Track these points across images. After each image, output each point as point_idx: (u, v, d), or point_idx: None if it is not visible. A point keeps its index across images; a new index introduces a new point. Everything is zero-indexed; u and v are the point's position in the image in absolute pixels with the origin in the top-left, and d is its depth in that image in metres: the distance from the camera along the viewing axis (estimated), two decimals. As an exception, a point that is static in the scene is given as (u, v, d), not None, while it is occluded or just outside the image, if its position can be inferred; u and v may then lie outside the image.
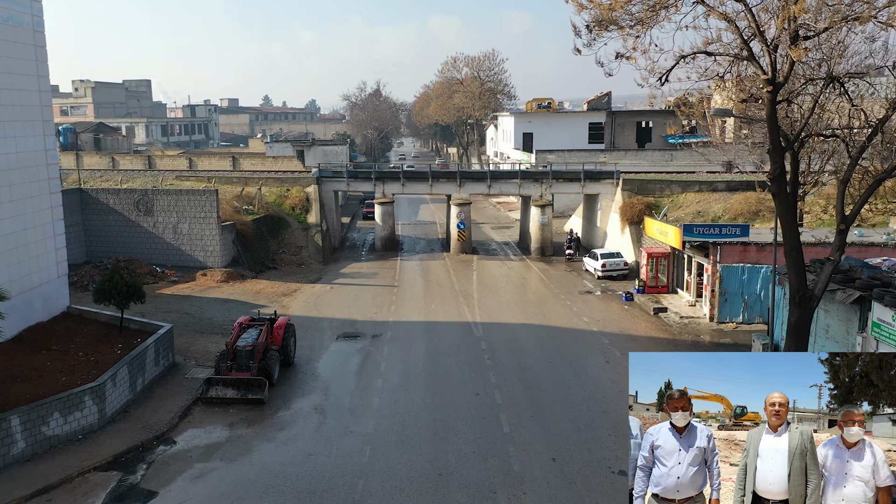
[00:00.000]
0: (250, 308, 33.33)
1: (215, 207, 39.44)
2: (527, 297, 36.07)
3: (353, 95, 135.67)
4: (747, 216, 39.30)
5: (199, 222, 39.72)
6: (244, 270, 39.94)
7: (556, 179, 46.86)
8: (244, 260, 40.89)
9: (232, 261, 40.60)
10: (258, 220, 44.37)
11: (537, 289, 37.90)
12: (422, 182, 48.77)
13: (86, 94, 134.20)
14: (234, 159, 68.93)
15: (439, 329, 30.26)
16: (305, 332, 29.82)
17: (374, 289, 37.98)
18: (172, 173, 55.14)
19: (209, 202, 39.45)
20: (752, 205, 39.56)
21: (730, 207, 40.24)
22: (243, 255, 41.06)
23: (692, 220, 40.09)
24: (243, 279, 38.87)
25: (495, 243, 52.27)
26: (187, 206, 39.81)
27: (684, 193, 43.81)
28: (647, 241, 40.78)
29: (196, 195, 39.82)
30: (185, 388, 23.17)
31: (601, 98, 74.20)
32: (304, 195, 48.90)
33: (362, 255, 48.77)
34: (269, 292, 36.60)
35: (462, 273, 41.84)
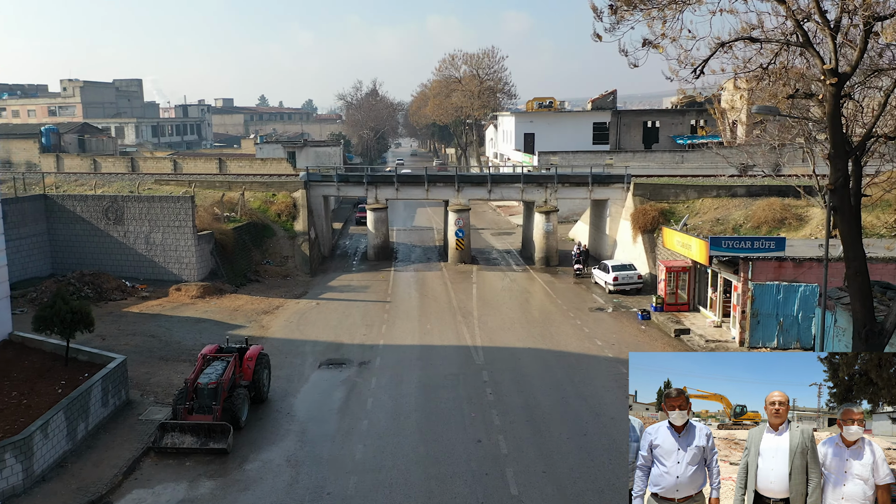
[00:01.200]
0: (225, 329, 30.00)
1: (190, 215, 36.08)
2: (532, 314, 32.73)
3: (349, 95, 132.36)
4: (772, 224, 36.02)
5: (173, 232, 36.35)
6: (223, 284, 36.59)
7: (562, 184, 43.52)
8: (223, 272, 37.53)
9: (210, 273, 37.24)
10: (240, 228, 41.02)
11: (543, 305, 34.56)
12: (417, 186, 45.44)
13: (74, 94, 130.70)
14: (221, 162, 65.67)
15: (435, 355, 26.93)
16: (284, 358, 26.50)
17: (364, 305, 34.63)
18: (152, 177, 51.76)
19: (184, 210, 36.09)
20: (777, 212, 36.26)
21: (752, 215, 36.93)
22: (222, 268, 37.70)
23: (711, 228, 36.82)
24: (221, 294, 35.52)
25: (496, 251, 48.93)
26: (160, 214, 36.44)
27: (701, 199, 40.50)
28: (660, 250, 37.46)
29: (170, 202, 36.45)
30: (138, 433, 19.81)
31: (606, 97, 70.91)
32: (291, 201, 45.55)
33: (353, 264, 45.41)
34: (249, 309, 33.24)
35: (461, 286, 38.50)
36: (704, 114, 69.96)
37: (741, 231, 36.53)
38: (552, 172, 44.23)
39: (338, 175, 46.29)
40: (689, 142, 67.19)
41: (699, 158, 57.07)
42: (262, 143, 77.08)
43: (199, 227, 37.70)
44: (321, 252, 46.93)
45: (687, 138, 68.05)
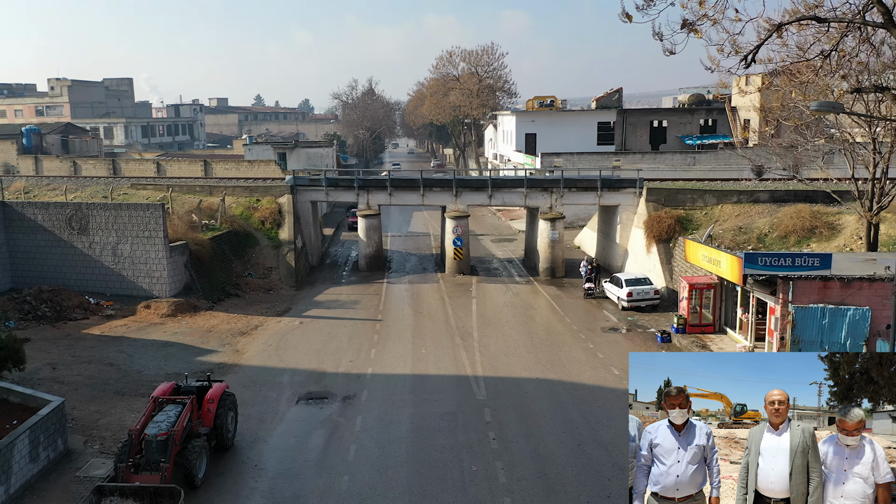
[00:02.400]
0: (194, 354, 26.74)
1: (161, 225, 32.75)
2: (538, 335, 29.44)
3: (344, 94, 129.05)
4: (801, 234, 32.79)
5: (142, 243, 33.03)
6: (198, 300, 33.28)
7: (568, 188, 40.24)
8: (198, 287, 34.20)
9: (184, 288, 33.93)
10: (219, 237, 37.69)
11: (550, 324, 31.28)
12: (412, 191, 42.14)
13: (62, 94, 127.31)
14: (206, 164, 62.40)
15: (430, 386, 23.64)
16: (258, 391, 23.22)
17: (352, 324, 31.32)
18: (129, 181, 48.42)
19: (154, 219, 32.77)
20: (806, 220, 33.03)
21: (778, 223, 33.70)
22: (197, 281, 34.37)
23: (733, 238, 33.57)
24: (195, 311, 32.22)
25: (497, 260, 45.65)
26: (128, 223, 33.10)
27: (720, 205, 37.24)
28: (677, 261, 34.23)
29: (139, 210, 33.11)
30: (72, 495, 16.52)
31: (611, 94, 67.68)
32: (277, 206, 42.24)
33: (343, 275, 42.10)
34: (224, 330, 29.94)
35: (459, 301, 35.21)
36: (714, 112, 66.78)
37: (766, 241, 33.31)
38: (557, 176, 40.94)
39: (327, 179, 42.99)
40: (698, 142, 63.98)
41: (712, 160, 53.86)
42: (250, 144, 73.69)
43: (172, 236, 34.41)
44: (309, 262, 43.64)
45: (696, 138, 64.85)
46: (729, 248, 33.01)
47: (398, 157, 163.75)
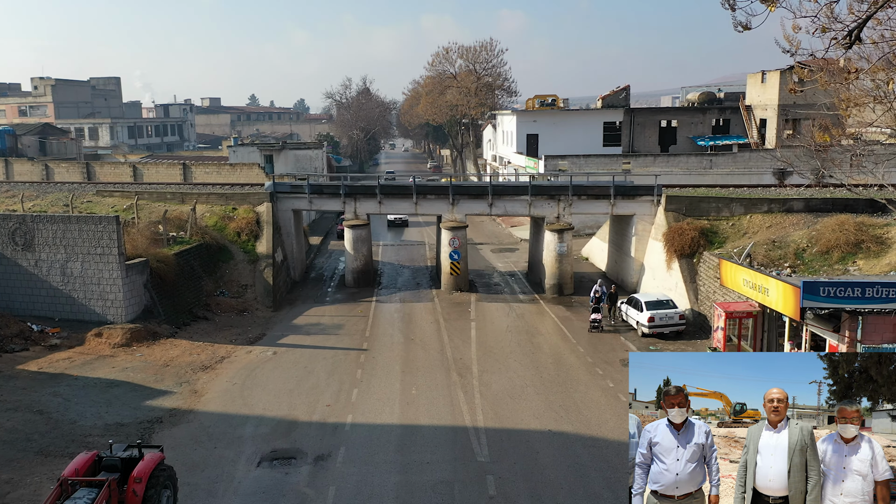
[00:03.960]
0: (144, 397, 22.69)
1: (116, 240, 28.68)
2: (547, 370, 25.38)
3: (338, 93, 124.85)
4: (845, 249, 28.76)
5: (94, 260, 28.96)
6: (158, 326, 29.23)
7: (578, 196, 36.20)
8: (160, 310, 30.12)
9: (143, 311, 29.85)
10: (187, 252, 33.59)
11: (560, 354, 27.23)
12: (404, 199, 38.08)
13: (45, 93, 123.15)
14: (186, 168, 58.23)
15: (422, 442, 19.59)
16: (213, 448, 19.17)
17: (333, 355, 27.26)
18: (95, 187, 44.30)
19: (108, 233, 28.69)
20: (850, 233, 28.99)
21: (818, 236, 29.68)
22: (159, 304, 30.28)
23: (767, 253, 29.55)
24: (154, 339, 28.18)
25: (497, 274, 41.60)
26: (79, 238, 29.03)
27: (749, 215, 33.25)
28: (703, 280, 30.24)
29: (90, 224, 29.02)
30: None
31: (618, 93, 63.64)
32: (255, 216, 38.16)
33: (328, 292, 38.02)
34: (184, 363, 25.88)
35: (456, 325, 31.16)
36: (727, 111, 62.82)
37: (805, 258, 29.31)
38: (565, 182, 36.89)
39: (310, 185, 38.90)
40: (711, 143, 59.99)
41: (730, 163, 49.86)
42: (235, 146, 69.52)
43: (131, 252, 30.35)
44: (291, 277, 39.56)
45: (709, 139, 60.85)
46: (762, 265, 29.06)
47: (394, 158, 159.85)
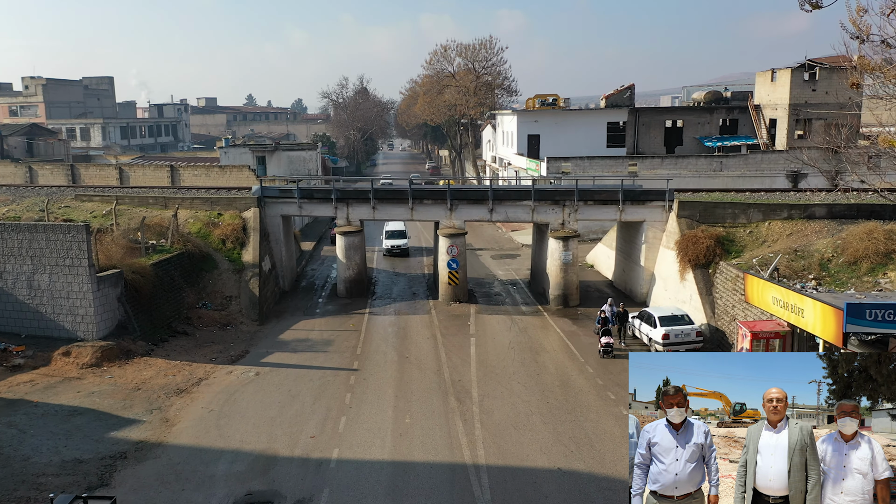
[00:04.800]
0: (109, 427, 20.53)
1: (86, 250, 26.48)
2: (554, 394, 23.21)
3: (334, 93, 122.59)
4: (874, 260, 26.65)
5: (63, 272, 26.77)
6: (133, 343, 27.03)
7: (584, 201, 34.03)
8: (135, 325, 27.93)
9: (117, 327, 27.65)
10: (167, 261, 31.39)
11: (567, 375, 25.06)
12: (399, 204, 35.89)
13: (36, 93, 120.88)
14: (173, 170, 56.05)
15: (415, 484, 17.41)
16: (180, 491, 17.01)
17: (321, 376, 25.08)
18: (74, 191, 42.09)
19: (77, 242, 26.50)
20: (880, 242, 26.91)
21: (844, 245, 27.57)
22: (134, 319, 28.09)
23: (789, 264, 27.42)
24: (128, 358, 26.02)
25: (498, 283, 39.43)
26: (46, 248, 26.83)
27: (767, 222, 31.14)
28: (720, 294, 28.10)
29: (58, 233, 26.82)
30: None
31: (622, 92, 61.49)
32: (241, 222, 35.98)
33: (319, 303, 35.83)
34: (157, 386, 23.70)
35: (455, 340, 28.99)
36: (735, 111, 60.68)
37: (831, 269, 27.19)
38: (570, 186, 34.71)
39: (300, 190, 36.70)
40: (719, 144, 57.86)
41: (741, 165, 47.72)
42: (227, 147, 67.38)
43: (104, 263, 28.20)
44: (280, 286, 37.38)
45: (716, 140, 58.71)
46: (785, 276, 26.93)
47: (392, 159, 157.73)
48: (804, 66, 55.22)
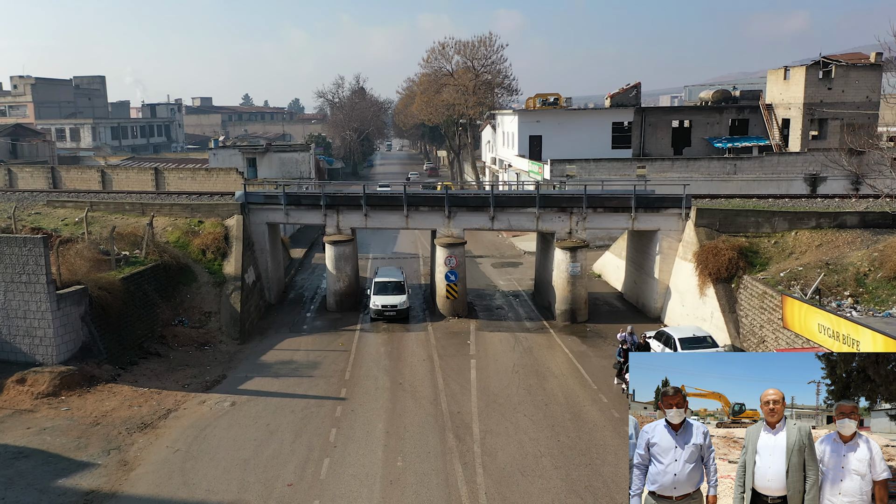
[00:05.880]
0: (57, 472, 17.93)
1: (44, 265, 23.87)
2: (566, 429, 20.62)
3: (330, 92, 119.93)
4: (917, 275, 24.12)
5: (19, 289, 24.15)
6: (98, 367, 24.43)
7: (594, 209, 31.47)
8: (101, 347, 25.30)
9: (81, 350, 25.02)
10: (139, 275, 28.78)
11: (579, 405, 22.46)
12: (394, 211, 33.31)
13: (25, 93, 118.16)
14: (158, 173, 53.45)
15: (406, 548, 14.84)
16: (128, 560, 14.37)
17: (304, 406, 22.47)
18: (45, 196, 39.46)
19: (34, 256, 23.89)
20: (923, 255, 24.39)
21: (882, 258, 25.06)
22: (101, 340, 25.46)
23: (822, 278, 24.85)
24: (90, 385, 23.42)
25: (500, 294, 36.86)
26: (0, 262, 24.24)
27: (794, 231, 28.60)
28: (744, 311, 25.55)
29: (13, 246, 24.19)
30: None
31: (628, 91, 58.91)
32: (223, 230, 33.39)
33: (307, 318, 33.21)
34: (119, 420, 21.10)
35: (453, 363, 26.40)
36: (746, 111, 58.11)
37: (868, 285, 24.66)
38: (579, 192, 32.12)
39: (286, 196, 34.11)
40: (729, 145, 55.31)
41: (756, 167, 45.17)
42: (216, 149, 64.77)
43: (68, 278, 25.57)
44: (265, 299, 34.77)
45: (727, 140, 56.16)
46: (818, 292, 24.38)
47: (390, 159, 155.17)
48: (819, 63, 52.69)
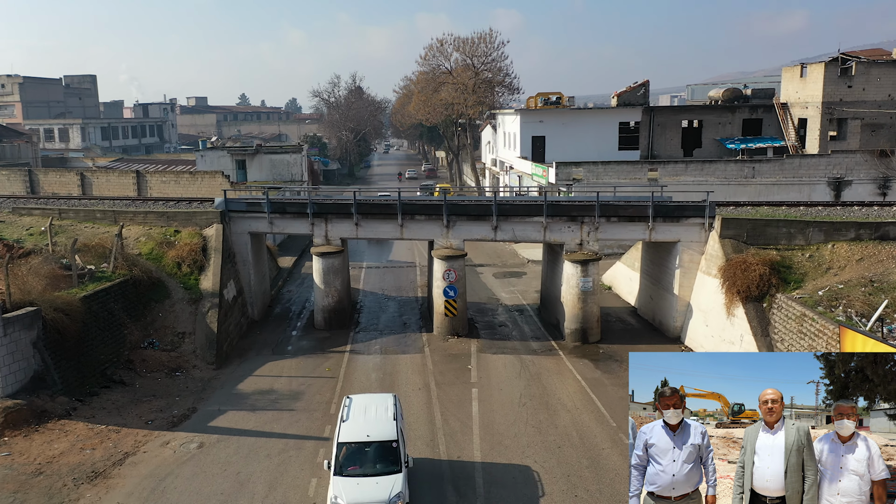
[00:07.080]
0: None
1: (-13, 288, 21.04)
2: (584, 480, 17.77)
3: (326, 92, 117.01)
4: (978, 296, 21.30)
5: (-40, 314, 21.29)
6: (52, 399, 21.60)
7: (607, 218, 28.64)
8: (55, 377, 22.44)
9: (32, 380, 22.15)
10: (105, 292, 25.92)
11: (597, 448, 19.62)
12: (387, 220, 30.45)
13: (13, 92, 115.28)
14: (140, 177, 50.56)
15: None
16: None
17: (282, 449, 19.60)
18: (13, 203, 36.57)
19: (-24, 278, 21.05)
20: (984, 273, 21.58)
21: (935, 276, 22.23)
22: (56, 369, 22.59)
23: (865, 298, 22.02)
24: (40, 423, 20.59)
25: (503, 309, 34.02)
26: (-61, 283, 21.37)
27: (830, 243, 25.79)
28: (779, 334, 22.72)
29: (-48, 264, 21.36)
30: None
31: (635, 89, 56.07)
32: (201, 241, 30.56)
33: (292, 337, 30.37)
34: (68, 467, 18.24)
35: (452, 393, 23.54)
36: (759, 110, 55.30)
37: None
38: (590, 199, 29.27)
39: (270, 203, 31.27)
40: (742, 146, 52.52)
41: (776, 170, 42.35)
42: (203, 150, 61.78)
43: (18, 299, 22.71)
44: (248, 315, 31.93)
45: (739, 141, 53.35)
46: (861, 314, 21.57)
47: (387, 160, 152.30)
48: (837, 59, 49.88)
